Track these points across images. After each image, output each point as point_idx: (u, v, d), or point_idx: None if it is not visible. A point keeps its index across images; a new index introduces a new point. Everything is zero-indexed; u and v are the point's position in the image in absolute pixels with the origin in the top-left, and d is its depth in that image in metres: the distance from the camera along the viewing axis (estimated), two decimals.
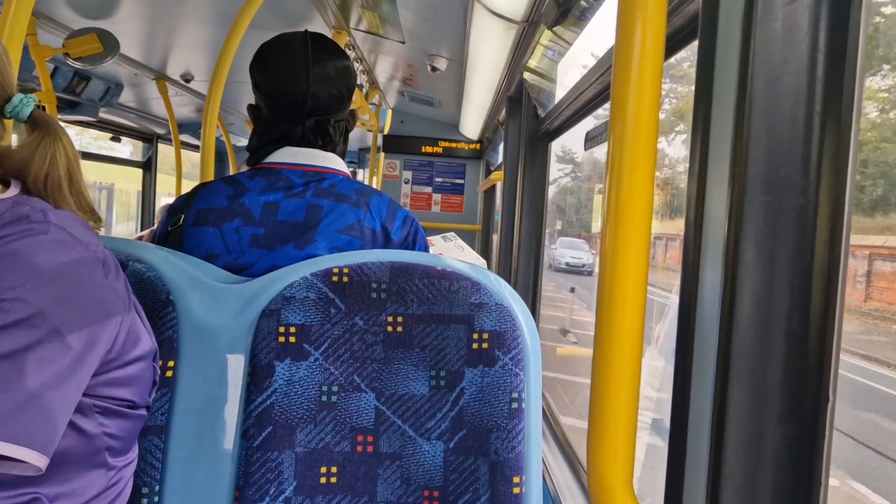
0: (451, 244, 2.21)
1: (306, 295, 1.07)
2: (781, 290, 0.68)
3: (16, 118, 0.89)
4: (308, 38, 1.33)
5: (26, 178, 0.88)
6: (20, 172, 0.88)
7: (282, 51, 1.32)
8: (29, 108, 0.89)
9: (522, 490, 1.05)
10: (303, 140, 1.32)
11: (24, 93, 0.90)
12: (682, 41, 1.16)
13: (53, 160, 0.89)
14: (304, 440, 1.06)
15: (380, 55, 3.35)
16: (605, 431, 0.75)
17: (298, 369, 1.06)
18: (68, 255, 0.79)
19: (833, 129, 0.66)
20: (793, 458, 0.69)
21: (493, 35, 2.30)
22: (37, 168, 0.88)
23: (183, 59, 3.54)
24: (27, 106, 0.89)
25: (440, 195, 5.37)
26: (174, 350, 1.06)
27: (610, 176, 0.76)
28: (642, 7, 0.72)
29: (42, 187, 0.88)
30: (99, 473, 0.88)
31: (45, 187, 0.88)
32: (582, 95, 1.94)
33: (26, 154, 0.88)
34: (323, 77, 1.30)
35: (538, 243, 2.76)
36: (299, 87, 1.29)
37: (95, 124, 4.58)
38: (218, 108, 2.26)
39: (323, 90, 1.30)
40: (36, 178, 0.88)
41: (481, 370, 1.06)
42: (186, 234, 1.25)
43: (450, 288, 1.08)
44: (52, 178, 0.89)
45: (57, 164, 0.89)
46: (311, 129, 1.32)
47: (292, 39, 1.33)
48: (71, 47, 2.61)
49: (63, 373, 0.75)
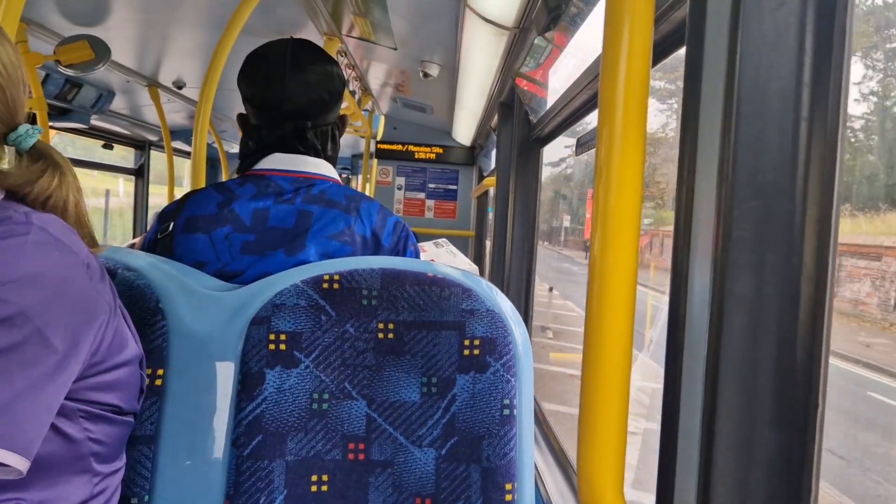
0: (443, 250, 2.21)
1: (297, 302, 1.06)
2: (770, 295, 0.68)
3: (18, 147, 0.87)
4: (290, 45, 1.34)
5: (23, 199, 0.86)
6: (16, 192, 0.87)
7: (264, 58, 1.33)
8: (33, 139, 0.88)
9: (514, 497, 1.05)
10: (282, 145, 1.32)
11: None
12: (670, 48, 1.16)
13: (58, 192, 0.87)
14: (294, 448, 1.05)
15: (372, 62, 3.35)
16: (596, 436, 0.75)
17: (289, 377, 1.06)
18: (51, 257, 0.78)
19: (820, 134, 0.66)
20: (783, 463, 0.69)
21: (485, 41, 2.31)
22: (38, 192, 0.86)
23: (175, 65, 3.53)
24: (32, 137, 0.88)
25: (433, 201, 5.37)
26: (163, 358, 1.05)
27: (598, 181, 0.76)
28: (630, 13, 0.73)
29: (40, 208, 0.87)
30: (84, 480, 0.87)
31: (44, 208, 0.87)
32: (573, 101, 1.95)
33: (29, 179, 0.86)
34: (301, 82, 1.30)
35: (530, 249, 2.76)
36: (276, 92, 1.30)
37: (87, 132, 4.56)
38: (209, 114, 2.25)
39: (301, 95, 1.31)
40: (34, 201, 0.86)
41: (473, 377, 1.06)
42: (176, 240, 1.25)
43: (441, 294, 1.07)
44: (55, 202, 0.87)
45: (61, 196, 0.88)
46: (289, 133, 1.32)
47: (276, 46, 1.34)
48: (62, 54, 2.60)
49: (46, 375, 0.74)
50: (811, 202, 0.66)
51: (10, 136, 0.87)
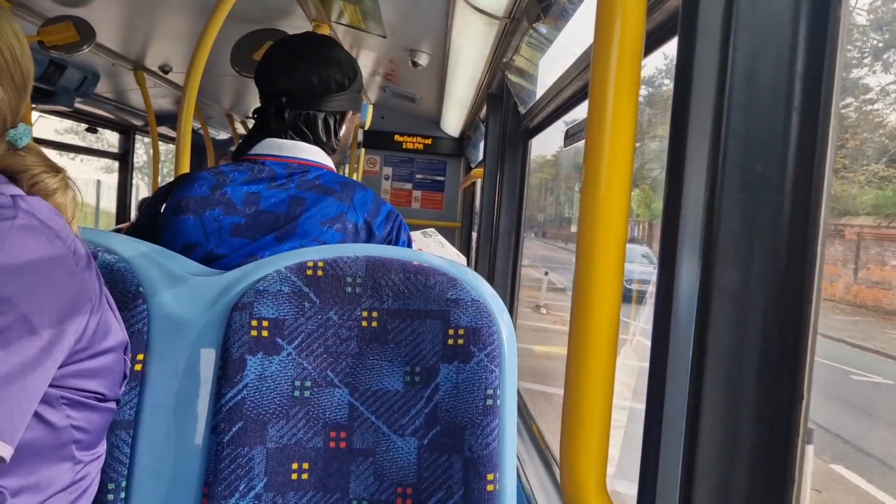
0: (432, 240, 2.20)
1: (280, 288, 1.05)
2: (758, 287, 0.68)
3: (12, 143, 0.86)
4: (303, 36, 1.36)
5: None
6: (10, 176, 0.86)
7: (275, 47, 1.36)
8: (28, 139, 0.88)
9: (496, 487, 1.04)
10: (268, 128, 1.33)
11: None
12: (662, 38, 1.15)
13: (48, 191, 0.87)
14: (275, 435, 1.04)
15: (361, 49, 3.32)
16: (579, 429, 0.75)
17: (271, 363, 1.05)
18: (37, 242, 0.77)
19: (811, 126, 0.66)
20: (767, 457, 0.69)
21: (475, 30, 2.30)
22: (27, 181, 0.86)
23: (162, 49, 3.49)
24: (27, 137, 0.88)
25: (420, 192, 5.35)
26: (144, 343, 1.04)
27: (587, 173, 0.75)
28: (622, 3, 0.72)
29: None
30: (65, 467, 0.86)
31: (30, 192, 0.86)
32: (562, 92, 1.94)
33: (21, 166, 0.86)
34: (291, 64, 1.31)
35: (517, 240, 2.76)
36: (276, 77, 1.31)
37: (71, 114, 4.51)
38: (195, 99, 2.23)
39: (288, 76, 1.31)
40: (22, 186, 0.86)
41: (456, 366, 1.05)
42: (166, 222, 1.24)
43: (426, 283, 1.06)
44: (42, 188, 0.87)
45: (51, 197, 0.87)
46: (272, 113, 1.33)
47: (290, 37, 1.37)
48: (46, 35, 2.56)
49: (30, 361, 0.73)
50: (801, 194, 0.66)
51: (9, 133, 0.86)
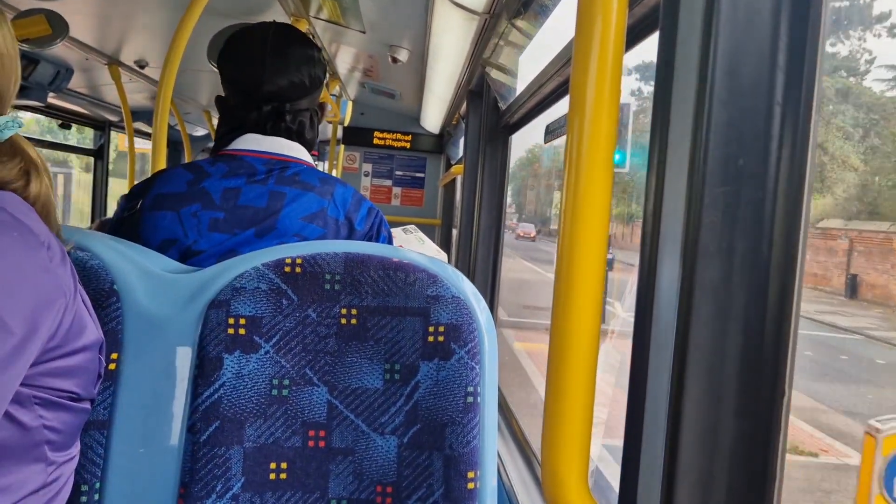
0: (412, 236, 2.20)
1: (257, 286, 1.04)
2: (739, 282, 0.67)
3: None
4: (273, 27, 1.34)
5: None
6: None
7: (245, 39, 1.34)
8: (12, 131, 0.85)
9: (477, 485, 1.03)
10: (259, 126, 1.31)
11: None
12: (643, 32, 1.15)
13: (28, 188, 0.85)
14: (253, 435, 1.03)
15: (340, 45, 3.30)
16: (561, 427, 0.74)
17: (248, 362, 1.03)
18: (8, 237, 0.75)
19: (792, 120, 0.66)
20: (748, 452, 0.69)
21: (455, 26, 2.29)
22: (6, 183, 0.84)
23: (137, 44, 3.44)
24: (10, 129, 0.85)
25: (400, 189, 5.33)
26: (118, 342, 1.02)
27: (568, 169, 0.74)
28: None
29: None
30: (37, 469, 0.84)
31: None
32: (543, 88, 1.94)
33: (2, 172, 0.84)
34: (283, 64, 1.30)
35: (497, 237, 2.76)
36: (256, 73, 1.29)
37: (44, 110, 4.44)
38: (170, 95, 2.19)
39: (282, 77, 1.30)
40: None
41: (437, 364, 1.04)
42: (144, 218, 1.22)
43: (406, 280, 1.05)
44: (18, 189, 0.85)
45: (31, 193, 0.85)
46: (266, 115, 1.31)
47: (258, 28, 1.35)
48: (17, 28, 2.49)
49: (2, 359, 0.71)
50: (782, 188, 0.66)
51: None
